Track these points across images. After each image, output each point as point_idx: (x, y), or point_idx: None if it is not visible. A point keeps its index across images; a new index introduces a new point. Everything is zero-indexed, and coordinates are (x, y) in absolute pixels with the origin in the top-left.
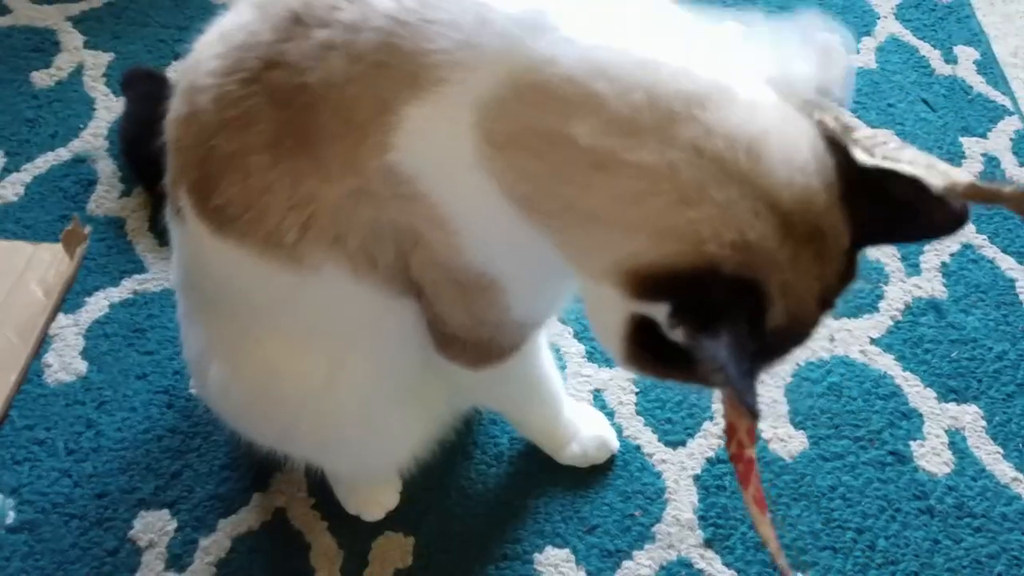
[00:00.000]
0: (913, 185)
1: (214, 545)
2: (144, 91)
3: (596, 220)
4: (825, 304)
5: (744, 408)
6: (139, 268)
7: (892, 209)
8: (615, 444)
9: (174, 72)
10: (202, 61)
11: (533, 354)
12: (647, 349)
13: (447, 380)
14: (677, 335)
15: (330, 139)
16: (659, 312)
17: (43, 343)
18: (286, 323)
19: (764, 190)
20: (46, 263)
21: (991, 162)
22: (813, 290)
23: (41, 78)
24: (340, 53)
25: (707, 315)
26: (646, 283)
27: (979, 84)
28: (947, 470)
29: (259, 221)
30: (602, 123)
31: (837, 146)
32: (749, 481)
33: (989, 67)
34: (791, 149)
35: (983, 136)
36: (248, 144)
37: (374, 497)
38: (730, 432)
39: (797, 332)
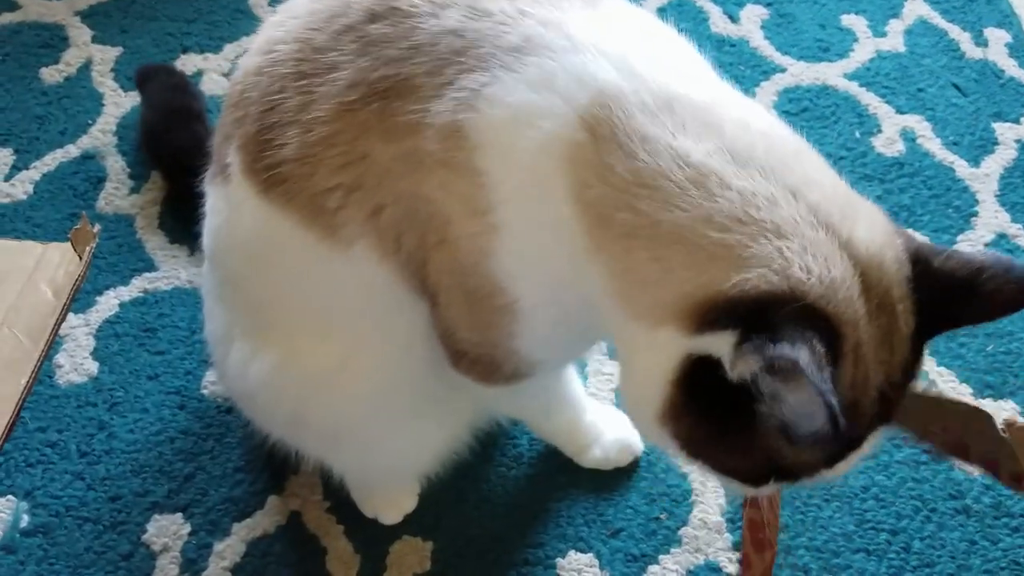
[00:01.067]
0: (969, 265)
1: (228, 549)
2: (161, 83)
3: (676, 243)
4: (884, 402)
5: (828, 412)
6: (149, 266)
7: (952, 291)
8: (639, 446)
9: (181, 65)
10: (293, 13)
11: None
12: (697, 398)
13: (464, 389)
14: (743, 367)
15: (407, 93)
16: (723, 344)
17: (54, 344)
18: (309, 303)
19: (850, 244)
20: (55, 263)
21: None
22: (877, 374)
23: (50, 74)
24: (459, 8)
25: (781, 333)
26: (717, 311)
27: (1011, 68)
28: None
29: (308, 179)
30: (719, 147)
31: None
32: None
33: (1021, 50)
34: (874, 218)
35: (1016, 121)
36: (321, 93)
37: (392, 500)
38: (746, 564)
39: (849, 425)
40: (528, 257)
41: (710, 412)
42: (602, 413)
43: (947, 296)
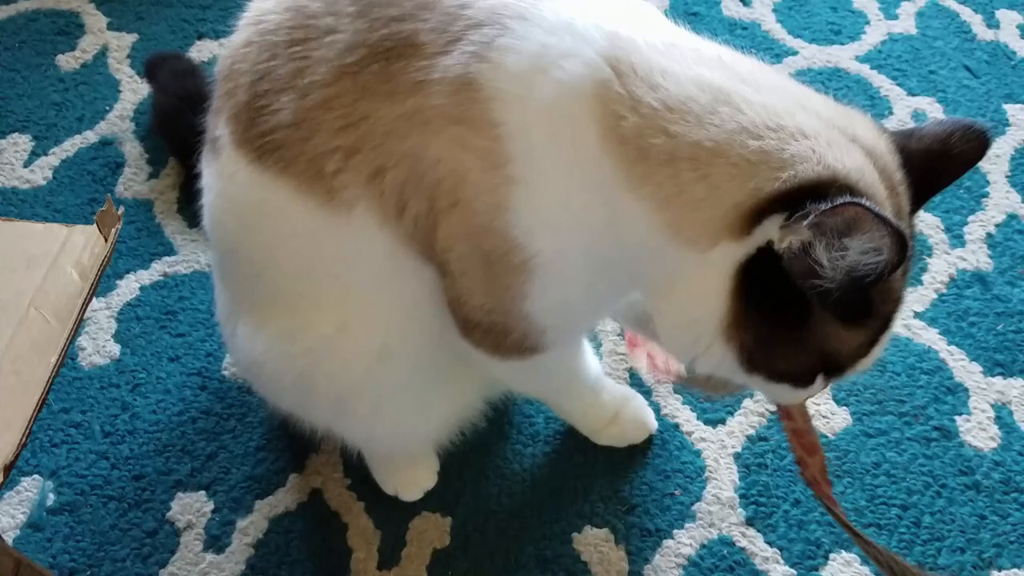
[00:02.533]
0: (939, 136)
1: (251, 526)
2: (171, 70)
3: (717, 157)
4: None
5: (894, 234)
6: (169, 250)
7: (932, 162)
8: (653, 424)
9: (197, 51)
10: None
11: (564, 352)
12: (757, 304)
13: (473, 358)
14: (793, 236)
15: (411, 51)
16: (772, 228)
17: (80, 325)
18: (307, 270)
19: (858, 140)
20: (80, 245)
21: None
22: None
23: (67, 61)
24: None
25: (829, 199)
26: (767, 208)
27: (1023, 50)
28: (993, 445)
29: (305, 142)
30: (734, 74)
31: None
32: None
33: None
34: (863, 118)
35: None
36: (316, 57)
37: (411, 477)
38: (803, 464)
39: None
40: (550, 209)
41: (768, 316)
42: (618, 392)
43: (929, 169)
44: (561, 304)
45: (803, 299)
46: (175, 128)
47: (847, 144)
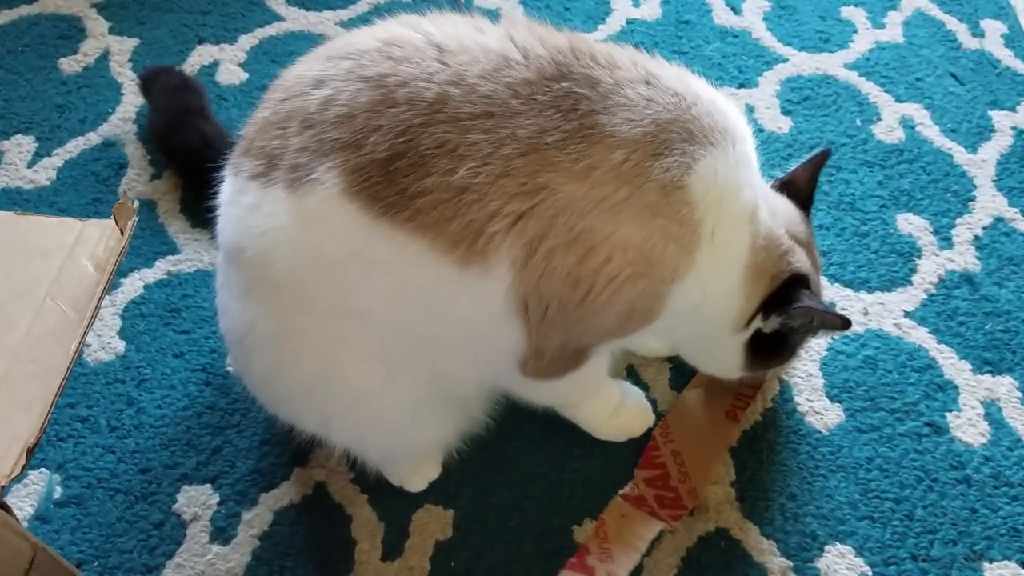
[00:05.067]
0: (805, 177)
1: (256, 518)
2: (162, 86)
3: (762, 277)
4: None
5: (837, 320)
6: (172, 249)
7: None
8: (651, 416)
9: (198, 56)
10: (410, 58)
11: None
12: (758, 352)
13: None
14: (772, 324)
15: (618, 143)
16: (757, 322)
17: (96, 316)
18: (386, 321)
19: (797, 235)
20: (95, 239)
21: (1021, 135)
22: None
23: (69, 64)
24: (642, 84)
25: (786, 300)
26: (762, 309)
27: (1007, 58)
28: (983, 440)
29: (469, 207)
30: (767, 202)
31: None
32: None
33: (1017, 40)
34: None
35: (1012, 109)
36: (504, 134)
37: (417, 470)
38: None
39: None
40: (699, 286)
41: (762, 352)
42: (618, 386)
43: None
44: (639, 336)
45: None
46: (171, 147)
47: (795, 245)
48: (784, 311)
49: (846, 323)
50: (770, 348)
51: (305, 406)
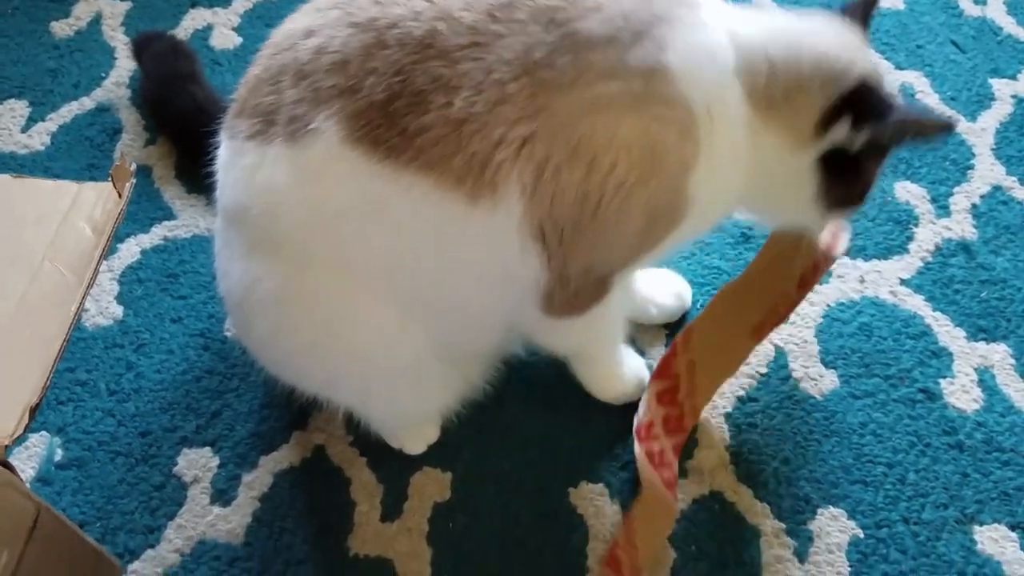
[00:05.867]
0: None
1: (256, 481)
2: (153, 52)
3: (802, 93)
4: None
5: (937, 122)
6: (168, 215)
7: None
8: (646, 385)
9: (191, 20)
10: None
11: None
12: (833, 175)
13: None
14: (859, 139)
15: (597, 46)
16: (840, 132)
17: (95, 279)
18: (401, 265)
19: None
20: (91, 202)
21: (1021, 103)
22: None
23: (61, 28)
24: None
25: (874, 110)
26: (828, 117)
27: (1009, 25)
28: (976, 407)
29: (471, 138)
30: (789, 24)
31: None
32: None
33: (1019, 8)
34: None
35: (1013, 78)
36: (491, 59)
37: (417, 432)
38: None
39: None
40: (717, 160)
41: (834, 178)
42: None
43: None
44: (676, 243)
45: (856, 161)
46: (163, 114)
47: (854, 49)
48: (875, 122)
49: (949, 126)
50: (842, 177)
51: (310, 365)
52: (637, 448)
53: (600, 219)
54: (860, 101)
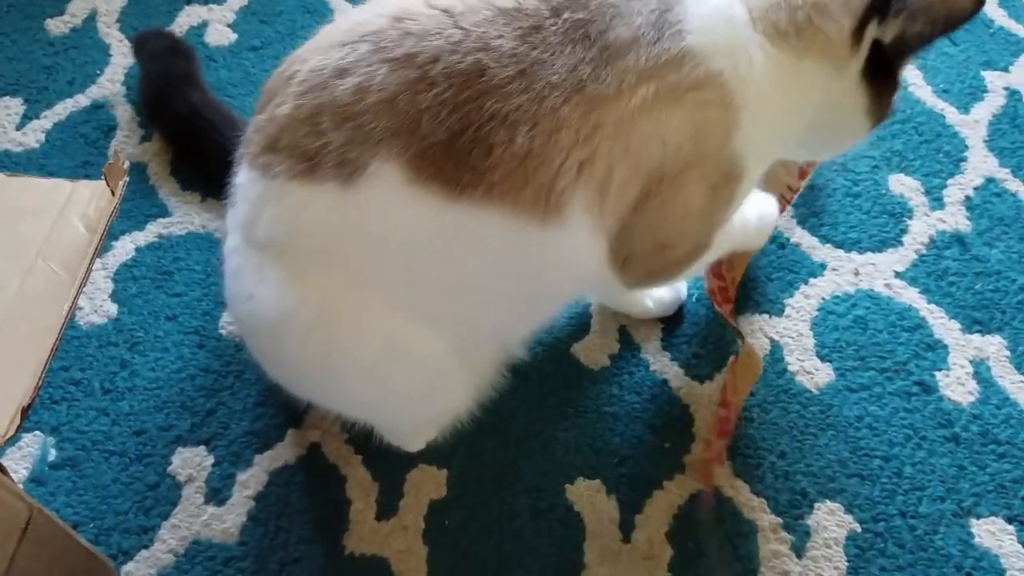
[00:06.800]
0: None
1: (252, 479)
2: (150, 51)
3: (824, 13)
4: None
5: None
6: (163, 212)
7: None
8: (684, 293)
9: (187, 17)
10: (429, 30)
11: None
12: (879, 79)
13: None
14: (892, 29)
15: (626, 51)
16: (872, 31)
17: (88, 277)
18: (444, 294)
19: None
20: (85, 199)
21: (1013, 95)
22: None
23: (56, 25)
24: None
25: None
26: (861, 23)
27: (1000, 18)
28: (972, 399)
29: (536, 170)
30: None
31: None
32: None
33: (1011, 0)
34: None
35: (1005, 70)
36: (540, 87)
37: (418, 430)
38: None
39: None
40: (762, 112)
41: (879, 84)
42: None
43: None
44: (747, 193)
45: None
46: (160, 115)
47: None
48: (903, 8)
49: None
50: (885, 82)
51: (345, 388)
52: (724, 309)
53: (653, 206)
54: (882, 2)
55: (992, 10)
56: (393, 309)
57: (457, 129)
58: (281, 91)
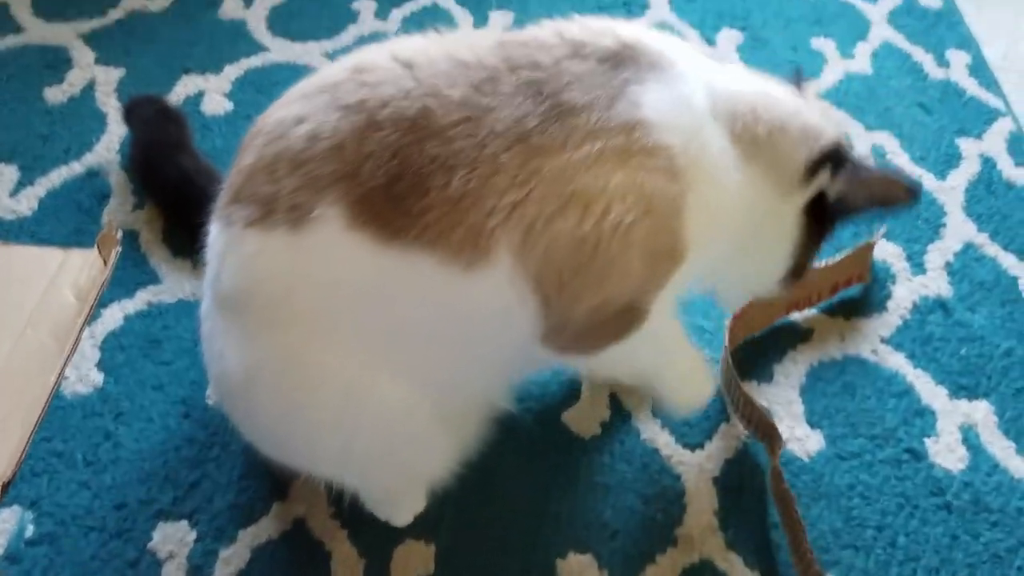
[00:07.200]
0: None
1: (234, 556)
2: (141, 116)
3: (785, 137)
4: None
5: (902, 183)
6: (153, 279)
7: None
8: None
9: (183, 86)
10: (375, 79)
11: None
12: (816, 219)
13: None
14: (838, 186)
15: (579, 111)
16: (823, 179)
17: (77, 347)
18: (396, 341)
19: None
20: (77, 268)
21: (987, 162)
22: None
23: (54, 94)
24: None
25: (854, 161)
26: (817, 163)
27: (972, 87)
28: (962, 466)
29: (467, 212)
30: (758, 81)
31: None
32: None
33: (981, 70)
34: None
35: (979, 137)
36: (483, 135)
37: (403, 502)
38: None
39: None
40: (708, 198)
41: (812, 234)
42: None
43: None
44: (681, 281)
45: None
46: (150, 181)
47: (826, 113)
48: (854, 174)
49: (915, 189)
50: (818, 231)
51: (315, 442)
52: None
53: (600, 260)
54: (838, 155)
55: (963, 80)
56: (350, 356)
57: (396, 173)
58: (248, 144)
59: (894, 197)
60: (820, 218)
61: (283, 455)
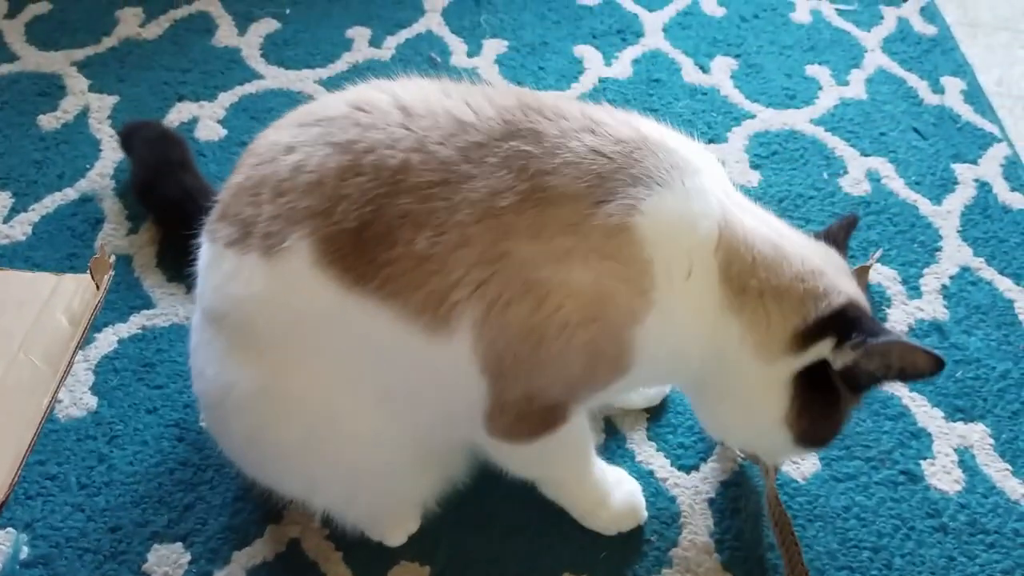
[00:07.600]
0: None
1: None
2: (143, 138)
3: (784, 296)
4: None
5: (929, 356)
6: (147, 304)
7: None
8: (643, 513)
9: (177, 113)
10: (381, 121)
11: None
12: (813, 394)
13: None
14: (844, 357)
15: (566, 201)
16: (824, 349)
17: (69, 370)
18: (359, 375)
19: (841, 266)
20: (70, 292)
21: (983, 187)
22: None
23: (48, 121)
24: (589, 134)
25: (867, 329)
26: (813, 331)
27: (967, 113)
28: (958, 488)
29: (431, 276)
30: (776, 230)
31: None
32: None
33: (976, 96)
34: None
35: (974, 163)
36: (458, 200)
37: (397, 523)
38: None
39: None
40: (671, 323)
41: (815, 405)
42: (611, 472)
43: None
44: (623, 386)
45: (836, 389)
46: (152, 199)
47: (841, 274)
48: (862, 343)
49: (938, 364)
50: (821, 402)
51: (288, 465)
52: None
53: (542, 353)
54: (844, 323)
55: (958, 105)
56: (318, 385)
57: (368, 220)
58: (242, 162)
59: (914, 368)
60: (826, 386)
61: (256, 475)
